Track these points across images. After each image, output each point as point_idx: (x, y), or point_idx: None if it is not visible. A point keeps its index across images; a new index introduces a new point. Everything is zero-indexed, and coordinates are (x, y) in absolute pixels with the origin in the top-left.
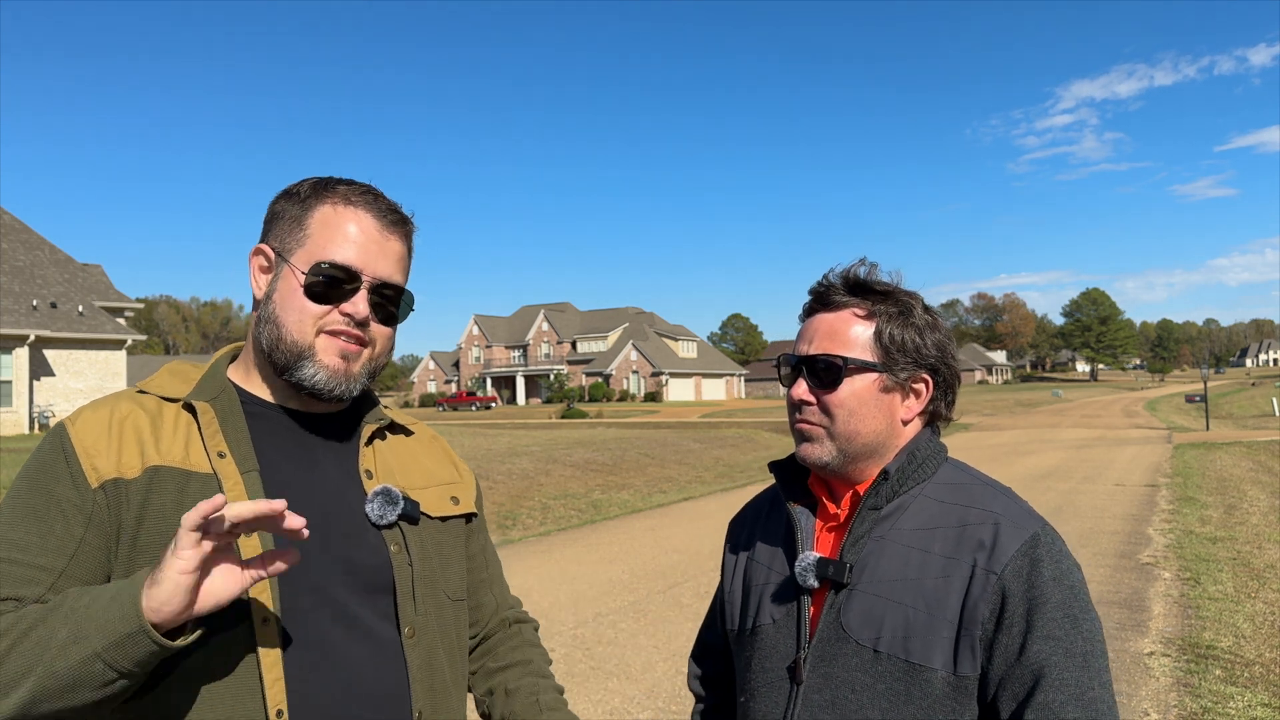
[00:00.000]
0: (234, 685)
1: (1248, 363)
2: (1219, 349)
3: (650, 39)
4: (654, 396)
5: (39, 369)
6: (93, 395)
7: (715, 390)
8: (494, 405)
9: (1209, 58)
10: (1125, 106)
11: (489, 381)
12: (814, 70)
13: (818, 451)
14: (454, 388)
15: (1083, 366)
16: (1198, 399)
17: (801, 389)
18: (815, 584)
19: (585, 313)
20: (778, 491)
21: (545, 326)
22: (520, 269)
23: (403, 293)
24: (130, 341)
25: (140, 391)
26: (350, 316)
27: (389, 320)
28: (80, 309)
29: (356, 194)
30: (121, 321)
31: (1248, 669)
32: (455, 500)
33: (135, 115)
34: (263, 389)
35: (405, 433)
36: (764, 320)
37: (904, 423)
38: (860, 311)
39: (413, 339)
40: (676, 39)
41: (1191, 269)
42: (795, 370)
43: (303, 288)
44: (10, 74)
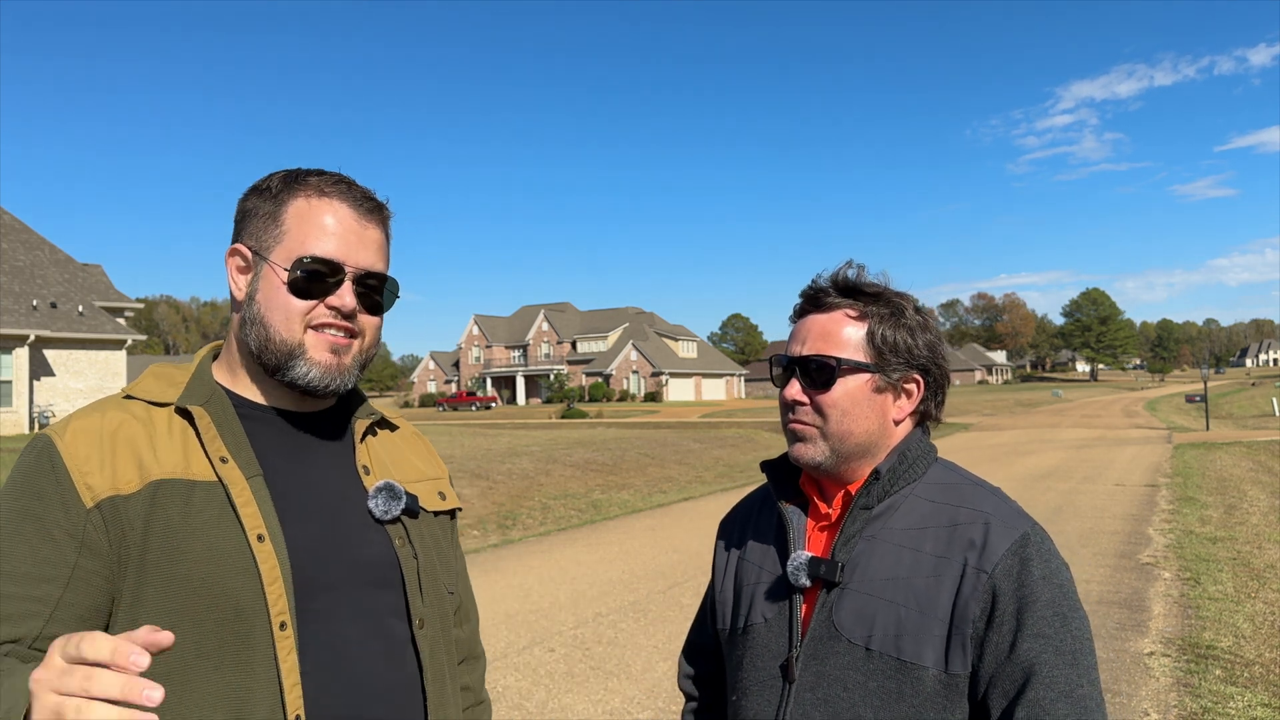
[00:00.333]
0: (254, 691)
1: (1248, 363)
2: (1219, 349)
3: (650, 39)
4: (654, 396)
5: (39, 369)
6: (93, 395)
7: (715, 390)
8: (494, 405)
9: (1209, 58)
10: (1125, 107)
11: (489, 381)
12: (814, 70)
13: (811, 451)
14: (454, 388)
15: (1083, 366)
16: (1198, 399)
17: (795, 389)
18: (807, 583)
19: (585, 313)
20: (769, 491)
21: (545, 326)
22: (520, 269)
23: (387, 280)
24: (130, 341)
25: (127, 397)
26: (337, 309)
27: (375, 309)
28: (80, 309)
29: (329, 184)
30: (121, 321)
31: (1248, 669)
32: (442, 496)
33: (135, 115)
34: (251, 390)
35: (391, 428)
36: (764, 320)
37: (896, 423)
38: (852, 313)
39: (413, 339)
40: (676, 39)
41: (1191, 269)
42: (788, 371)
43: (286, 285)
44: (10, 74)
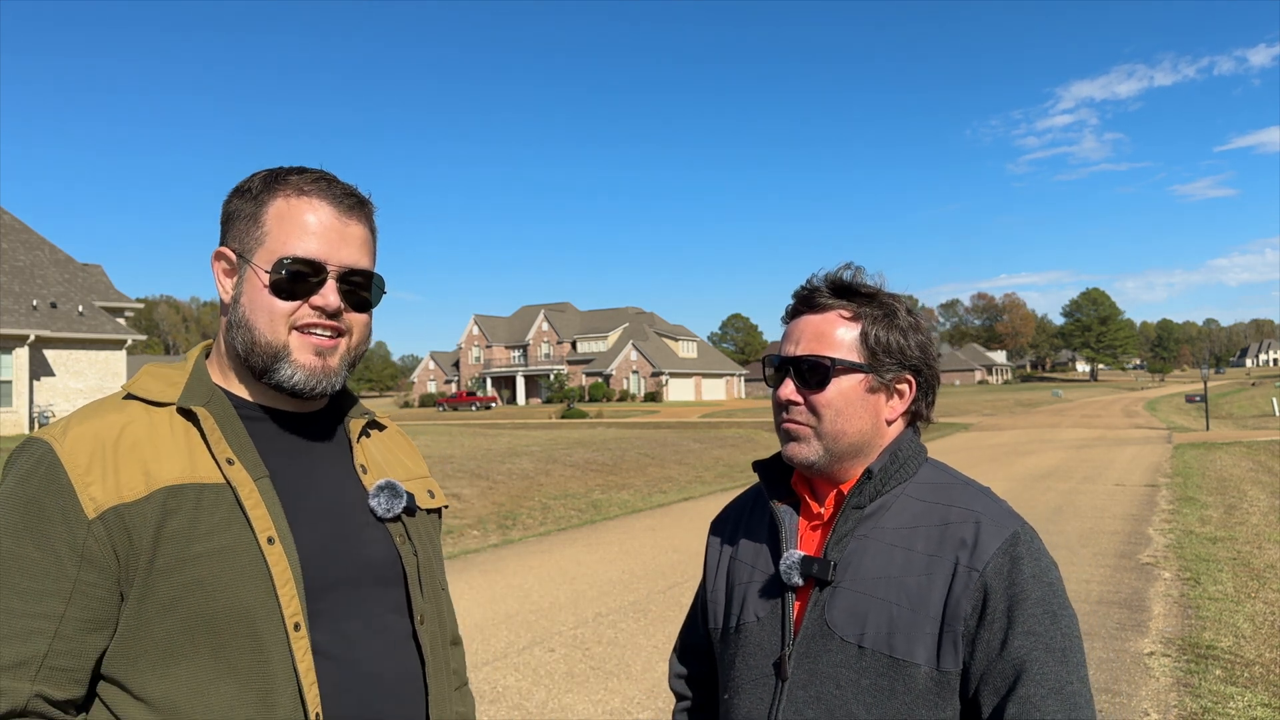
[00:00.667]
0: (272, 692)
1: (1248, 363)
2: (1219, 349)
3: (650, 39)
4: (654, 396)
5: (39, 369)
6: (93, 395)
7: (715, 390)
8: (494, 405)
9: (1209, 58)
10: (1125, 107)
11: (489, 381)
12: (814, 70)
13: (805, 451)
14: (454, 388)
15: (1083, 366)
16: (1198, 399)
17: (789, 389)
18: (800, 582)
19: (585, 313)
20: (760, 490)
21: (545, 326)
22: (520, 269)
23: (372, 277)
24: (130, 341)
25: (126, 396)
26: (321, 309)
27: (362, 306)
28: (80, 309)
29: (309, 182)
30: (121, 321)
31: (1248, 669)
32: (431, 494)
33: (135, 115)
34: (244, 390)
35: (381, 428)
36: (764, 320)
37: (888, 423)
38: (846, 314)
39: (413, 339)
40: (676, 39)
41: (1191, 269)
42: (781, 371)
43: (268, 287)
44: (10, 74)
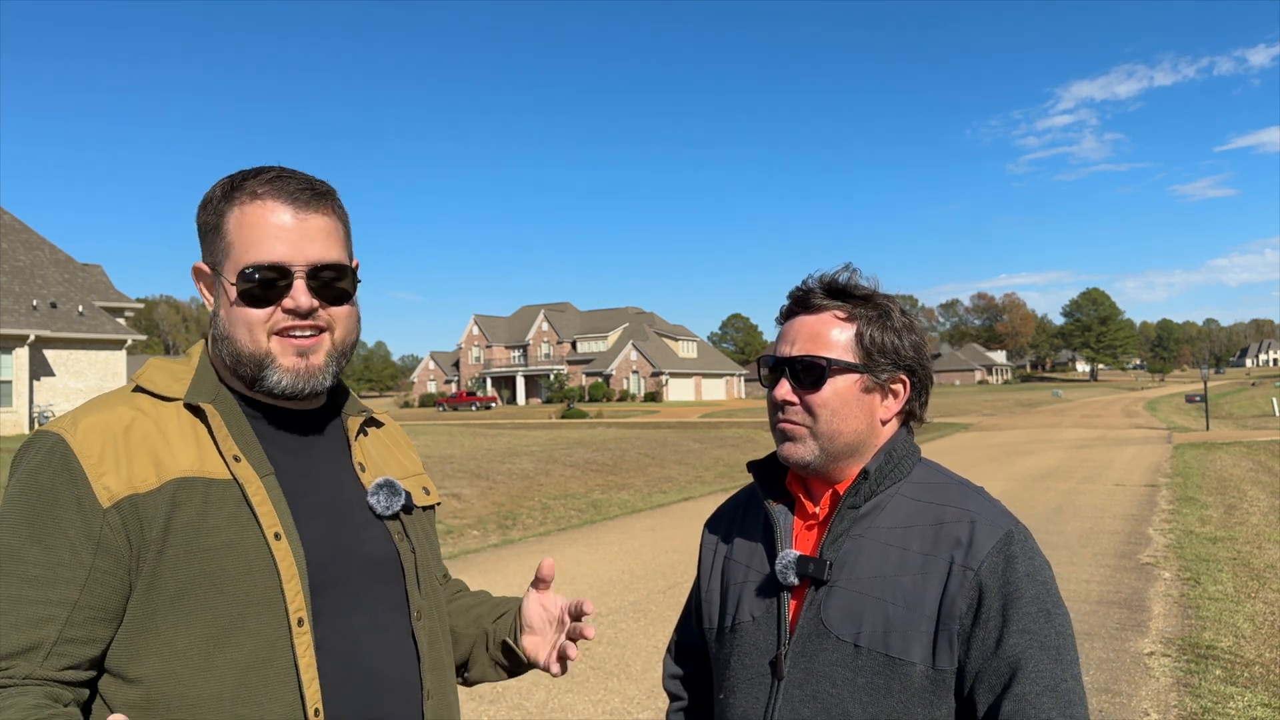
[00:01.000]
0: (275, 687)
1: (1248, 363)
2: (1219, 349)
3: (650, 40)
4: (654, 396)
5: (39, 369)
6: (93, 395)
7: (715, 390)
8: (494, 405)
9: (1208, 58)
10: (1125, 107)
11: (489, 381)
12: (814, 71)
13: (800, 451)
14: (454, 388)
15: (1083, 366)
16: (1198, 399)
17: (785, 389)
18: (796, 581)
19: (585, 313)
20: (755, 490)
21: (545, 326)
22: (520, 269)
23: (345, 268)
24: (130, 341)
25: (135, 389)
26: (294, 311)
27: (339, 299)
28: (80, 309)
29: (263, 184)
30: (121, 321)
31: (1248, 669)
32: (426, 491)
33: (135, 115)
34: (243, 388)
35: (378, 425)
36: (764, 320)
37: (883, 422)
38: (841, 314)
39: (413, 339)
40: (676, 40)
41: (1191, 269)
42: (776, 371)
43: (239, 297)
44: (10, 74)
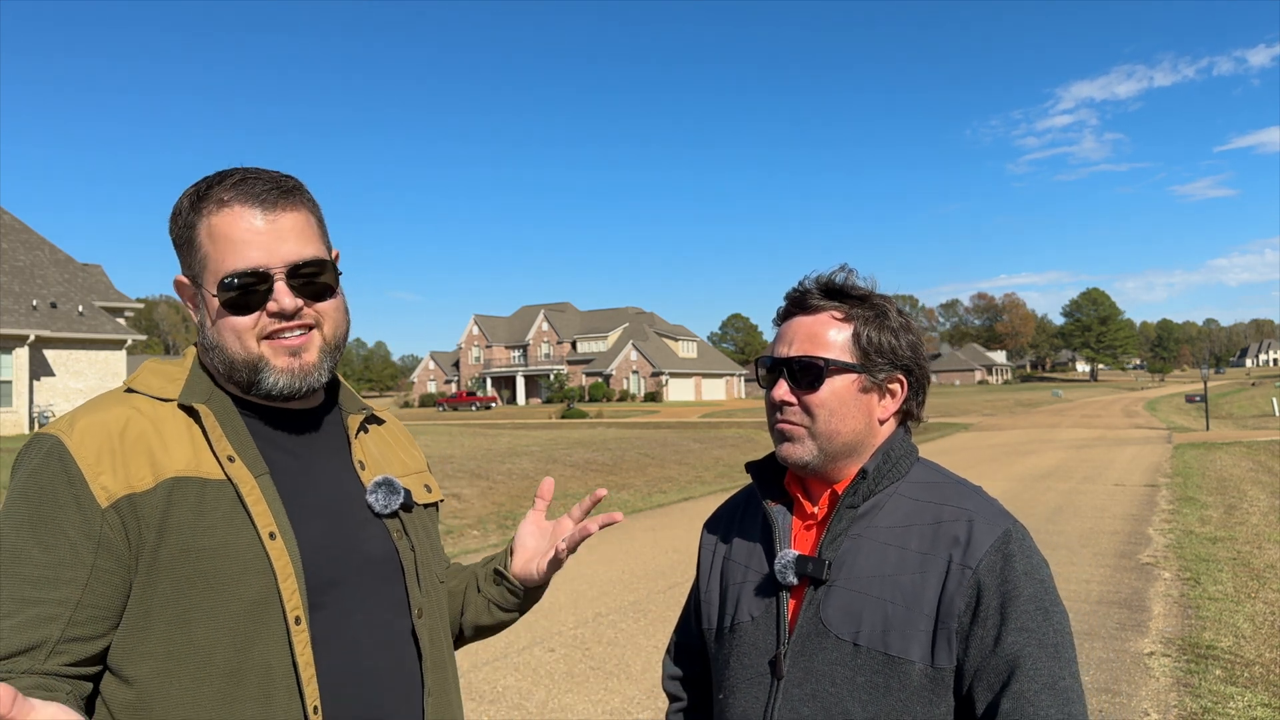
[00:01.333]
0: (274, 685)
1: (1248, 363)
2: (1219, 349)
3: (650, 40)
4: (654, 396)
5: (39, 369)
6: (92, 395)
7: (715, 390)
8: (494, 405)
9: (1208, 59)
10: (1125, 107)
11: (489, 381)
12: (814, 71)
13: (799, 451)
14: (454, 388)
15: (1083, 366)
16: (1198, 399)
17: (783, 390)
18: (795, 581)
19: (585, 313)
20: (753, 491)
21: (545, 326)
22: (520, 269)
23: (324, 261)
24: (130, 341)
25: (128, 390)
26: (280, 314)
27: (324, 293)
28: (80, 309)
29: (228, 190)
30: (121, 321)
31: (1248, 669)
32: (428, 488)
33: (135, 115)
34: (237, 390)
35: (379, 422)
36: (764, 320)
37: (880, 422)
38: (838, 315)
39: (413, 339)
40: (676, 40)
41: (1191, 269)
42: (774, 372)
43: (222, 307)
44: (10, 74)
